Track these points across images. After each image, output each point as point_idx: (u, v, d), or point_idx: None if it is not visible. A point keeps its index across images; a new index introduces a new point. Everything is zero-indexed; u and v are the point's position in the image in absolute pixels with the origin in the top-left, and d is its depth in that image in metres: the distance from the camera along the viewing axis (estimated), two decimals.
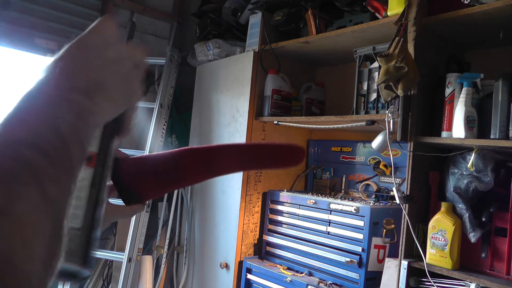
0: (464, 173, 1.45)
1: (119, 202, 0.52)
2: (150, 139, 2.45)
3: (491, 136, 1.35)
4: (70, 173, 0.33)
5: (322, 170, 2.36)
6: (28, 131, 0.31)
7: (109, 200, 0.50)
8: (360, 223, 1.72)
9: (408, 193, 1.50)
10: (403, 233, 1.50)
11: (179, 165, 0.53)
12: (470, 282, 1.34)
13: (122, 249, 2.31)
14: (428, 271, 1.43)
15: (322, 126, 2.02)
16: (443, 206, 1.45)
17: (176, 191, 2.51)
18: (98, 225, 0.41)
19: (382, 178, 2.07)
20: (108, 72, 0.39)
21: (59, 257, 0.30)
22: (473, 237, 1.39)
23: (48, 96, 0.34)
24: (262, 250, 2.16)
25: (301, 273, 1.93)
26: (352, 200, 1.95)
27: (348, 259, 1.72)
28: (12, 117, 0.31)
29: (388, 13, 1.64)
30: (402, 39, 1.45)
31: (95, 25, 0.41)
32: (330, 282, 1.79)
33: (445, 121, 1.49)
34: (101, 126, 0.40)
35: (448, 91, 1.49)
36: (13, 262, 0.25)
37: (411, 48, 1.50)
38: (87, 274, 0.39)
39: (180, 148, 0.54)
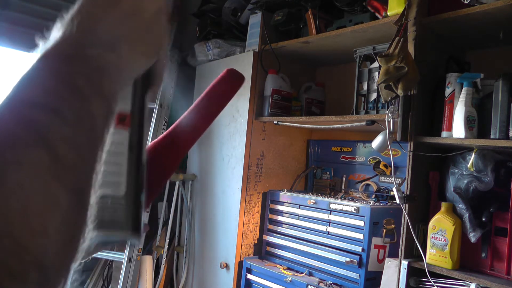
0: (464, 173, 1.45)
1: None
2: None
3: (491, 136, 1.35)
4: (91, 135, 0.29)
5: (322, 170, 2.36)
6: (38, 90, 0.28)
7: None
8: (360, 223, 1.72)
9: (408, 193, 1.50)
10: (403, 233, 1.50)
11: (154, 164, 0.50)
12: (470, 282, 1.34)
13: (122, 249, 2.31)
14: (428, 271, 1.43)
15: (322, 126, 2.02)
16: (443, 206, 1.45)
17: (176, 191, 2.51)
18: (142, 190, 0.38)
19: (382, 178, 2.07)
20: (130, 22, 0.35)
21: (84, 229, 0.27)
22: (473, 237, 1.39)
23: (64, 53, 0.31)
24: (262, 250, 2.16)
25: (301, 273, 1.93)
26: (352, 200, 1.95)
27: (348, 259, 1.72)
28: (24, 79, 0.29)
29: (388, 13, 1.64)
30: (402, 39, 1.45)
31: None
32: (330, 282, 1.79)
33: (445, 121, 1.49)
34: (130, 82, 0.37)
35: (448, 91, 1.49)
36: (14, 236, 0.22)
37: (411, 48, 1.50)
38: (137, 242, 0.37)
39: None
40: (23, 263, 0.22)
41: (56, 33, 0.33)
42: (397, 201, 1.49)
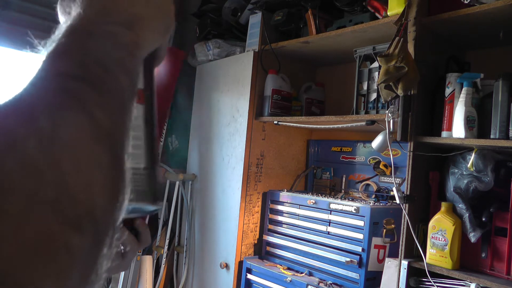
0: (464, 173, 1.45)
1: None
2: None
3: (491, 136, 1.35)
4: (121, 104, 0.31)
5: (322, 170, 2.36)
6: (67, 63, 0.30)
7: None
8: (360, 223, 1.72)
9: (408, 193, 1.50)
10: (403, 233, 1.50)
11: None
12: (470, 282, 1.34)
13: None
14: (428, 271, 1.43)
15: (322, 126, 2.02)
16: (443, 206, 1.45)
17: (176, 191, 2.51)
18: (158, 162, 0.41)
19: (382, 178, 2.07)
20: (147, 3, 0.38)
21: (125, 191, 0.29)
22: (473, 237, 1.39)
23: (86, 30, 0.33)
24: (262, 250, 2.16)
25: (301, 273, 1.93)
26: (352, 200, 1.95)
27: (348, 259, 1.72)
28: (51, 53, 0.31)
29: (388, 13, 1.64)
30: (402, 39, 1.45)
31: None
32: (330, 282, 1.79)
33: (445, 121, 1.49)
34: (142, 59, 0.39)
35: (448, 91, 1.49)
36: (68, 188, 0.24)
37: (411, 48, 1.50)
38: (157, 209, 0.40)
39: None
40: (77, 212, 0.24)
41: (74, 11, 0.34)
42: (397, 201, 1.49)
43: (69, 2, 0.36)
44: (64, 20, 0.35)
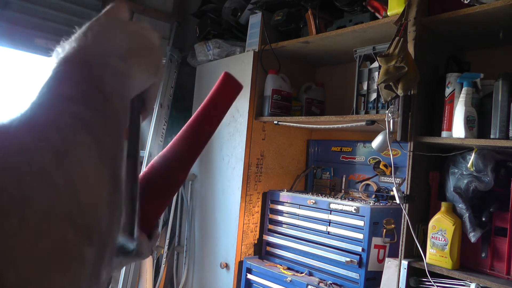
0: (464, 173, 1.45)
1: None
2: (150, 139, 2.45)
3: (491, 136, 1.35)
4: (119, 129, 0.33)
5: (322, 170, 2.36)
6: (71, 88, 0.31)
7: None
8: (360, 223, 1.72)
9: (408, 193, 1.50)
10: (403, 233, 1.50)
11: (153, 184, 0.52)
12: (470, 282, 1.34)
13: None
14: (428, 271, 1.43)
15: (322, 126, 2.02)
16: (443, 206, 1.45)
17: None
18: (137, 197, 0.41)
19: (382, 178, 2.07)
20: (137, 41, 0.40)
21: (122, 207, 0.30)
22: (473, 237, 1.39)
23: (84, 59, 0.35)
24: (262, 250, 2.16)
25: (301, 273, 1.93)
26: (352, 200, 1.95)
27: (348, 259, 1.72)
28: (52, 80, 0.32)
29: (388, 13, 1.64)
30: (402, 39, 1.45)
31: (109, 9, 0.41)
32: (330, 282, 1.79)
33: (445, 121, 1.49)
34: (133, 94, 0.40)
35: (448, 91, 1.49)
36: (80, 201, 0.25)
37: (411, 48, 1.50)
38: (133, 247, 0.40)
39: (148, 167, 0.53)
40: (88, 224, 0.25)
41: (71, 43, 0.36)
42: (397, 201, 1.49)
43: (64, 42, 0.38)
44: (60, 48, 0.36)
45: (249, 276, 2.08)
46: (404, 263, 1.48)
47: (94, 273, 0.26)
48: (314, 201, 1.93)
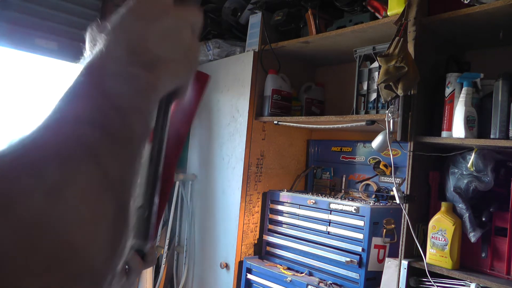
0: (464, 173, 1.45)
1: None
2: None
3: (491, 136, 1.35)
4: (133, 151, 0.31)
5: (322, 170, 2.36)
6: (85, 106, 0.29)
7: None
8: (360, 223, 1.72)
9: (408, 193, 1.50)
10: (403, 233, 1.50)
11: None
12: (470, 282, 1.34)
13: None
14: (428, 271, 1.43)
15: (322, 126, 2.02)
16: (443, 206, 1.45)
17: (176, 191, 2.51)
18: (156, 202, 0.41)
19: (382, 178, 2.07)
20: (169, 42, 0.36)
21: (127, 238, 0.29)
22: (473, 237, 1.39)
23: (107, 70, 0.32)
24: (262, 250, 2.16)
25: (301, 273, 1.93)
26: (352, 200, 1.95)
27: (348, 259, 1.72)
28: (70, 92, 0.30)
29: (388, 13, 1.64)
30: (402, 39, 1.45)
31: None
32: (330, 282, 1.79)
33: (445, 121, 1.49)
34: (158, 101, 0.38)
35: (448, 91, 1.49)
36: (70, 243, 0.24)
37: (411, 48, 1.50)
38: (149, 249, 0.40)
39: None
40: (77, 267, 0.24)
41: (99, 45, 0.34)
42: (397, 201, 1.49)
43: (97, 32, 0.35)
44: (88, 50, 0.34)
45: (249, 276, 2.08)
46: (404, 263, 1.48)
47: None
48: (314, 201, 1.93)
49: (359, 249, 1.71)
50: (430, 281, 1.42)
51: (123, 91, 0.32)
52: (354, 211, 1.75)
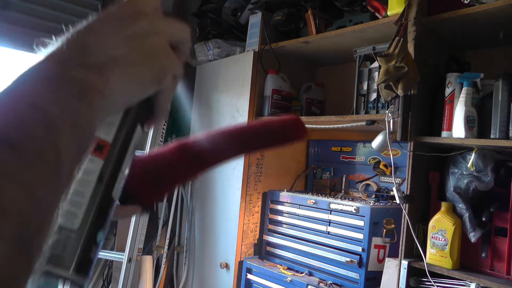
0: (464, 173, 1.45)
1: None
2: (150, 139, 2.44)
3: (491, 136, 1.35)
4: (53, 170, 0.26)
5: (322, 170, 2.36)
6: (7, 109, 0.25)
7: None
8: (360, 223, 1.72)
9: (408, 193, 1.50)
10: (403, 233, 1.50)
11: (171, 163, 0.47)
12: (470, 282, 1.34)
13: (122, 249, 2.31)
14: (428, 271, 1.43)
15: (322, 126, 2.02)
16: (443, 206, 1.45)
17: (176, 191, 2.51)
18: (101, 229, 0.34)
19: (382, 178, 2.07)
20: (133, 45, 0.32)
21: (26, 277, 0.24)
22: (473, 237, 1.39)
23: (46, 73, 0.28)
24: (262, 250, 2.16)
25: (301, 273, 1.93)
26: (352, 200, 1.95)
27: (348, 259, 1.72)
28: (7, 88, 0.26)
29: (388, 13, 1.64)
30: (402, 39, 1.45)
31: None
32: (330, 282, 1.79)
33: (445, 121, 1.49)
34: (115, 110, 0.33)
35: (448, 91, 1.49)
36: None
37: (411, 48, 1.50)
38: (81, 283, 0.33)
39: (172, 144, 0.48)
40: None
41: (59, 41, 0.31)
42: (397, 201, 1.49)
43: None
44: (46, 47, 0.31)
45: (249, 276, 2.08)
46: (404, 263, 1.48)
47: None
48: (314, 201, 1.92)
49: (359, 249, 1.71)
50: (430, 281, 1.42)
51: (55, 97, 0.27)
52: (354, 211, 1.75)
